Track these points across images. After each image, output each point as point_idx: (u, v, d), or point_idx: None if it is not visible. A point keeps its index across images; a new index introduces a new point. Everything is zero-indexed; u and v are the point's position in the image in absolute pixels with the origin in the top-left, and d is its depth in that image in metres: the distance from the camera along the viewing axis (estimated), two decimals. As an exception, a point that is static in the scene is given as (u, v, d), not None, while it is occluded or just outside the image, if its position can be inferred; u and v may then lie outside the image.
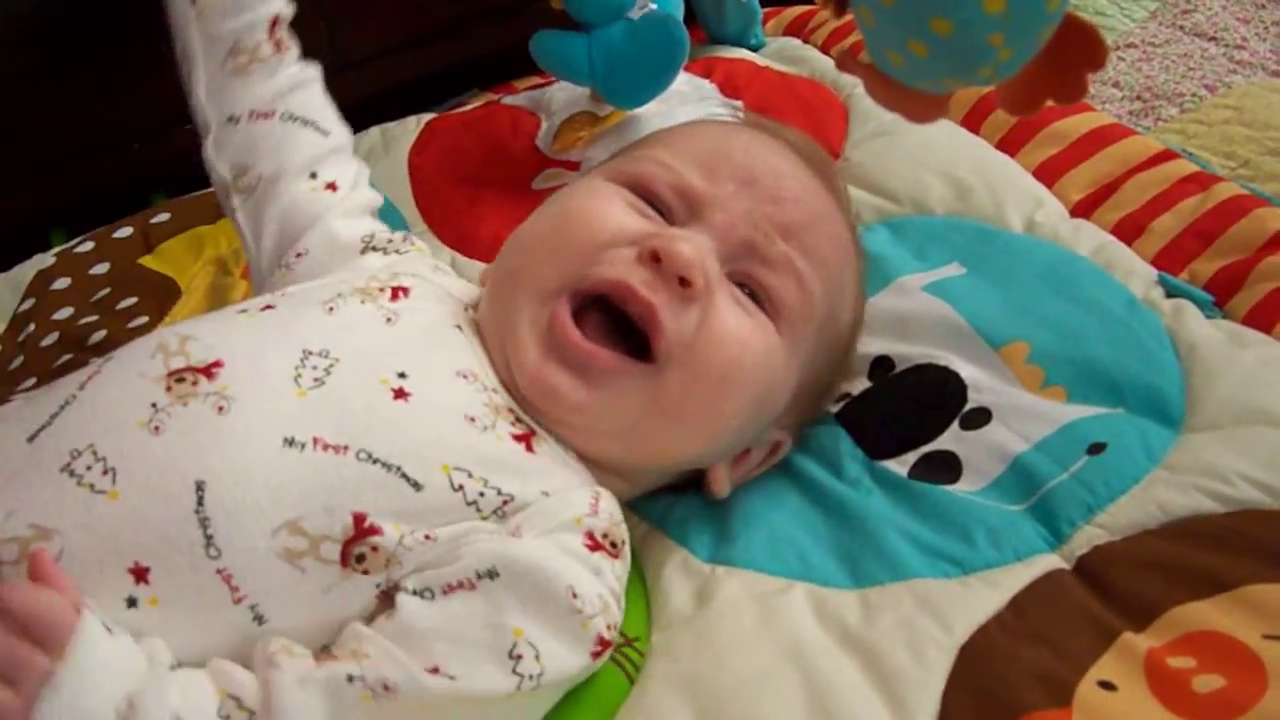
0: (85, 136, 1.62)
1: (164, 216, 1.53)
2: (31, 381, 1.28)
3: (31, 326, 1.39)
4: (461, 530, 0.85)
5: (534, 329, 0.94)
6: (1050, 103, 0.86)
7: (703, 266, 0.93)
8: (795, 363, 0.99)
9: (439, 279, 1.09)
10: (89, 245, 1.49)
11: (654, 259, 0.93)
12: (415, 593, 0.82)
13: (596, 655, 0.86)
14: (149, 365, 0.88)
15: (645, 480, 1.03)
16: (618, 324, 0.94)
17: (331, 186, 1.13)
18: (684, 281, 0.92)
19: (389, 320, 0.96)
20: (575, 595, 0.84)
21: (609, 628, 0.87)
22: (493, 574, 0.83)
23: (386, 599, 0.83)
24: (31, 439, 0.84)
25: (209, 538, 0.79)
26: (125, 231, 1.51)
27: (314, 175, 1.13)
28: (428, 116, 1.66)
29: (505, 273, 1.01)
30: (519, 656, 0.81)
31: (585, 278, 0.94)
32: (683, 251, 0.92)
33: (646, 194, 1.00)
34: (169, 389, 0.85)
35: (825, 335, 1.02)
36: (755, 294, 0.97)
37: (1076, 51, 0.82)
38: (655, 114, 1.52)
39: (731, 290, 0.96)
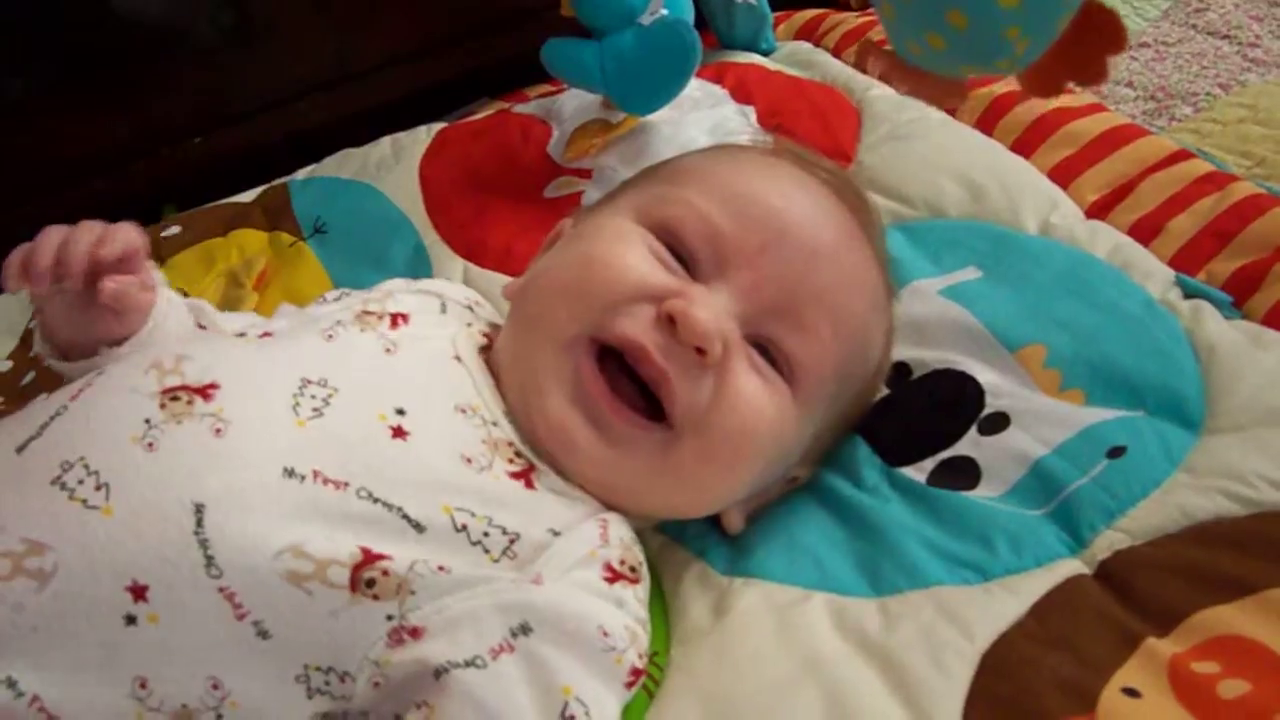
0: (95, 150, 1.63)
1: (175, 229, 1.53)
2: (43, 397, 1.28)
3: (43, 342, 1.39)
4: (481, 575, 0.84)
5: (557, 378, 0.93)
6: (1071, 85, 0.85)
7: (720, 334, 0.92)
8: (810, 418, 0.99)
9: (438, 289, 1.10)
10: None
11: (671, 322, 0.91)
12: (468, 664, 0.81)
13: (630, 685, 0.87)
14: (142, 381, 0.87)
15: (656, 518, 1.03)
16: (633, 372, 0.94)
17: None
18: (699, 349, 0.91)
19: (388, 350, 0.95)
20: (606, 634, 0.84)
21: (640, 656, 0.87)
22: (526, 629, 0.82)
23: (398, 636, 0.82)
24: (20, 449, 0.84)
25: (209, 558, 0.78)
26: (137, 245, 1.51)
27: None
28: (438, 126, 1.67)
29: (527, 317, 1.00)
30: (571, 718, 0.81)
31: (603, 328, 0.93)
32: (700, 318, 0.90)
33: (674, 240, 0.98)
34: (163, 406, 0.85)
35: (847, 383, 1.01)
36: (773, 357, 0.96)
37: (1097, 35, 0.82)
38: (668, 120, 1.52)
39: (748, 354, 0.94)
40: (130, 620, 0.77)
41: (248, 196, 1.59)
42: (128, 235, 0.97)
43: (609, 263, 0.96)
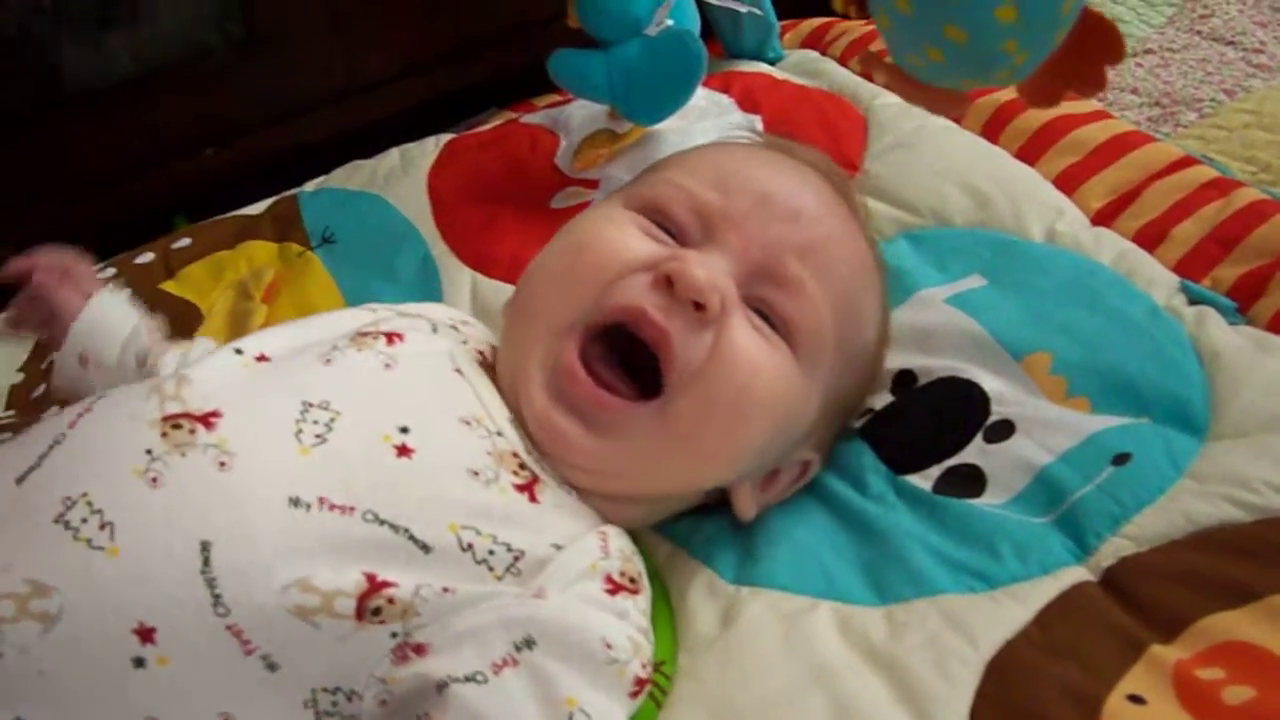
0: (106, 162, 1.63)
1: (185, 241, 1.53)
2: (55, 409, 1.29)
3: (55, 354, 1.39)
4: (484, 592, 0.84)
5: (542, 368, 0.94)
6: (1070, 95, 0.86)
7: (718, 288, 0.92)
8: (815, 385, 0.98)
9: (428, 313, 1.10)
10: (110, 271, 1.50)
11: (668, 283, 0.92)
12: (468, 679, 0.81)
13: (635, 695, 0.87)
14: (142, 407, 0.87)
15: (664, 507, 1.03)
16: (626, 358, 0.94)
17: None
18: (698, 305, 0.91)
19: (388, 366, 0.94)
20: (609, 645, 0.85)
21: (643, 666, 0.87)
22: (530, 642, 0.82)
23: (402, 653, 0.82)
24: (20, 480, 0.83)
25: (217, 596, 0.78)
26: (146, 257, 1.52)
27: None
28: (446, 137, 1.66)
29: (518, 307, 1.01)
30: None
31: (599, 309, 0.93)
32: (697, 275, 0.91)
33: (660, 217, 0.99)
34: (164, 435, 0.84)
35: (847, 354, 1.01)
36: (769, 318, 0.96)
37: (1094, 46, 0.82)
38: (674, 130, 1.52)
39: (747, 314, 0.95)
40: (139, 663, 0.77)
41: (257, 208, 1.59)
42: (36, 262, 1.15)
43: (599, 245, 0.97)
